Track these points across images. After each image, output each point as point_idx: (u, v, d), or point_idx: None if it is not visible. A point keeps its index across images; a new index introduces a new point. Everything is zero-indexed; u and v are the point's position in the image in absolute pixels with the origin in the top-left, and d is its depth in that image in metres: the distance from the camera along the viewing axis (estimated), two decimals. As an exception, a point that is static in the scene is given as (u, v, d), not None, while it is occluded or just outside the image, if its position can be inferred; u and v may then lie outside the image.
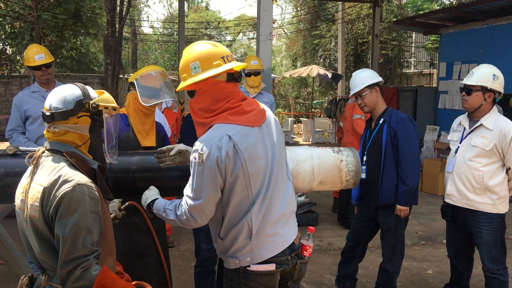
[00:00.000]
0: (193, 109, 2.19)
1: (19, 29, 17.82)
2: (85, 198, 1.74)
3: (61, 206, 1.71)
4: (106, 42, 18.10)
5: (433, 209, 7.00)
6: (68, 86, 1.95)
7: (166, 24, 34.23)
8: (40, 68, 4.11)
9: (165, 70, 3.39)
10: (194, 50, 2.16)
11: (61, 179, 1.76)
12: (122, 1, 16.04)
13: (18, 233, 1.96)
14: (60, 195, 1.72)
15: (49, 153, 1.87)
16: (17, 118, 4.12)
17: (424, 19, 10.58)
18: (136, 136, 3.14)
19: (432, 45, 19.49)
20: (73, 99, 1.87)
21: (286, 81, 25.13)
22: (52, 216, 1.73)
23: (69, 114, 1.86)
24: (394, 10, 19.40)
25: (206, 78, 2.09)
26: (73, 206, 1.71)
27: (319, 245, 5.59)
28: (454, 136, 3.81)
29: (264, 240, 2.14)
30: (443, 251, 5.09)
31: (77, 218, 1.71)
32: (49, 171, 1.80)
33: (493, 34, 9.03)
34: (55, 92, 1.92)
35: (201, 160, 2.02)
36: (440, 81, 10.57)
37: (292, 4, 27.24)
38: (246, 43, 37.09)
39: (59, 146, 1.88)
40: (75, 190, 1.73)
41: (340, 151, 2.81)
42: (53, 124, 1.87)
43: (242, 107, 2.13)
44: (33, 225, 1.79)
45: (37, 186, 1.79)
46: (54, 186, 1.75)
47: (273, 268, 2.15)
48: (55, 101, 1.88)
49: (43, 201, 1.75)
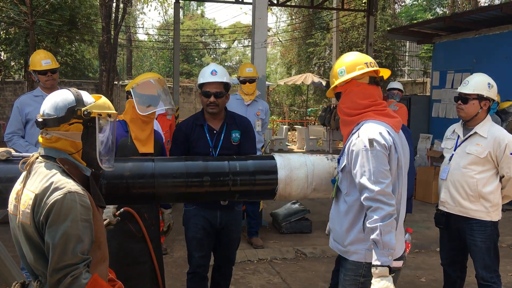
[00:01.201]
0: (341, 109, 2.49)
1: (14, 35, 17.79)
2: (76, 206, 1.73)
3: (52, 213, 1.70)
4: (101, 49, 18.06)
5: (426, 217, 7.01)
6: (62, 91, 1.93)
7: (161, 31, 34.27)
8: (46, 73, 4.20)
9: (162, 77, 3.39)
10: (342, 58, 2.52)
11: (52, 186, 1.75)
12: (118, 8, 16.07)
13: (10, 240, 1.94)
14: (51, 202, 1.71)
15: (42, 159, 1.86)
16: (17, 121, 4.17)
17: (417, 28, 10.65)
18: (134, 143, 3.13)
19: (425, 54, 19.63)
20: (64, 106, 1.85)
21: (281, 89, 25.18)
22: (43, 223, 1.72)
23: (60, 121, 1.84)
24: (388, 19, 19.55)
25: (349, 79, 2.39)
26: (64, 214, 1.70)
27: (312, 253, 5.58)
28: (448, 144, 3.83)
29: (399, 237, 2.28)
30: (436, 259, 5.09)
31: (67, 226, 1.70)
32: (41, 177, 1.79)
33: (485, 44, 9.11)
34: (48, 98, 1.91)
35: (372, 145, 2.24)
36: (434, 90, 10.63)
37: (287, 13, 27.37)
38: (241, 50, 37.19)
39: (52, 152, 1.87)
40: (66, 198, 1.72)
41: (334, 158, 2.82)
42: (45, 130, 1.86)
43: (388, 111, 2.44)
44: (25, 231, 1.78)
45: (29, 192, 1.78)
46: (45, 193, 1.74)
47: (401, 265, 2.30)
48: (48, 107, 1.87)
49: (34, 208, 1.74)
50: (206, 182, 2.61)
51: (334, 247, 2.56)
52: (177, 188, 2.60)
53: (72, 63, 20.53)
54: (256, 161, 2.80)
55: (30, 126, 4.18)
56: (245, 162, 2.74)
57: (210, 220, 3.36)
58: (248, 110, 5.31)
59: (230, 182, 2.64)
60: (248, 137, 3.45)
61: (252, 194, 2.81)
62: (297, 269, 5.14)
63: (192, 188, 2.64)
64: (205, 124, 3.37)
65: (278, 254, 5.49)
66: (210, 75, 3.32)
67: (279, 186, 2.67)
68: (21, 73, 20.04)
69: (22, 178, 1.87)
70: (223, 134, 3.36)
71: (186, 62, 34.12)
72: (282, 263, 5.32)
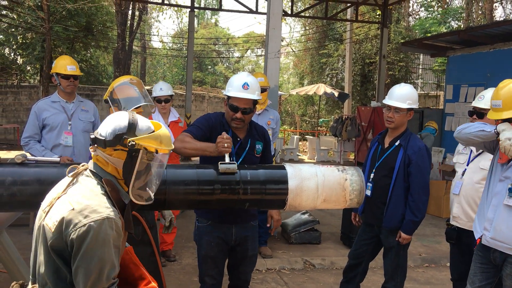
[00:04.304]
0: None
1: (31, 40, 18.09)
2: (112, 233, 1.71)
3: (88, 238, 1.67)
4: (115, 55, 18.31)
5: (437, 232, 6.95)
6: (121, 114, 1.89)
7: (176, 39, 34.58)
8: (69, 78, 4.31)
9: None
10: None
11: (91, 206, 1.72)
12: (133, 16, 16.26)
13: (22, 242, 1.97)
14: (87, 224, 1.68)
15: (89, 174, 1.85)
16: (35, 125, 4.24)
17: (431, 41, 10.64)
18: None
19: (439, 67, 19.54)
20: (113, 131, 1.82)
21: (293, 99, 25.21)
22: (72, 241, 1.68)
23: (107, 144, 1.82)
24: (402, 32, 19.52)
25: None
26: (101, 241, 1.68)
27: (321, 264, 5.55)
28: (460, 159, 3.80)
29: None
30: (446, 274, 5.04)
31: (104, 253, 1.69)
32: (83, 192, 1.77)
33: (500, 58, 9.06)
34: (108, 118, 1.90)
35: None
36: (447, 103, 10.58)
37: (301, 23, 27.46)
38: (254, 60, 37.34)
39: (99, 170, 1.86)
40: (104, 224, 1.69)
41: (344, 170, 2.81)
42: (95, 147, 1.85)
43: None
44: (44, 234, 1.76)
45: (67, 202, 1.74)
46: (83, 211, 1.70)
47: None
48: (102, 127, 1.86)
49: (66, 220, 1.70)
50: (217, 190, 2.62)
51: (497, 246, 2.89)
52: (188, 195, 2.61)
53: (87, 68, 20.77)
54: (267, 171, 2.80)
55: (47, 131, 4.26)
56: (256, 171, 2.74)
57: (224, 237, 3.15)
58: (259, 119, 5.33)
59: (240, 190, 2.64)
60: (267, 146, 3.31)
61: (262, 203, 2.80)
62: (305, 280, 5.12)
63: (202, 195, 2.64)
64: (230, 130, 3.13)
65: (287, 264, 5.47)
66: (242, 89, 3.01)
67: (289, 196, 2.67)
68: (37, 78, 20.34)
69: (65, 184, 1.84)
70: (248, 146, 3.16)
71: (199, 70, 34.36)
72: (290, 273, 5.30)
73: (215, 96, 23.84)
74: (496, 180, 2.95)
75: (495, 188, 2.94)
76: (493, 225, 2.90)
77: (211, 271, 3.18)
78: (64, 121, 4.31)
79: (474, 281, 3.04)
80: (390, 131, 3.76)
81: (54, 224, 1.71)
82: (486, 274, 2.99)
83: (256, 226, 3.34)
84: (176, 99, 18.90)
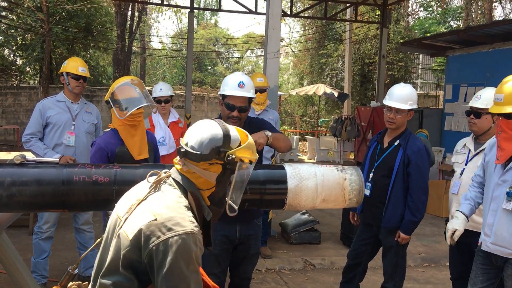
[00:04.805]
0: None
1: (30, 41, 18.10)
2: (195, 250, 1.62)
3: (171, 252, 1.56)
4: (115, 56, 18.31)
5: (436, 231, 6.95)
6: (211, 125, 1.79)
7: (175, 40, 34.59)
8: (79, 79, 4.35)
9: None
10: None
11: (176, 219, 1.61)
12: (133, 17, 16.27)
13: (22, 243, 1.97)
14: (171, 238, 1.57)
15: (173, 183, 1.76)
16: (38, 123, 4.26)
17: (431, 41, 10.64)
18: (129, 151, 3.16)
19: (438, 67, 19.55)
20: (210, 145, 1.73)
21: (293, 99, 25.21)
22: (152, 255, 1.58)
23: (202, 158, 1.72)
24: (402, 32, 19.52)
25: None
26: (186, 256, 1.59)
27: (321, 264, 5.56)
28: (458, 158, 3.81)
29: None
30: (446, 273, 5.04)
31: (189, 270, 1.59)
32: (167, 202, 1.68)
33: (499, 58, 9.06)
34: (197, 128, 1.79)
35: None
36: (446, 103, 10.59)
37: (300, 23, 27.48)
38: (253, 60, 37.37)
39: (186, 182, 1.76)
40: (188, 239, 1.59)
41: (344, 170, 2.82)
42: (184, 160, 1.75)
43: None
44: (119, 242, 1.66)
45: (148, 211, 1.64)
46: (165, 224, 1.60)
47: None
48: (193, 140, 1.75)
49: (147, 231, 1.60)
50: (216, 190, 2.62)
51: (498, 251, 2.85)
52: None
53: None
54: (266, 170, 2.80)
55: (49, 130, 4.28)
56: (255, 171, 2.75)
57: (229, 235, 3.15)
58: (259, 119, 5.34)
59: (240, 190, 2.64)
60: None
61: (262, 203, 2.81)
62: (305, 280, 5.12)
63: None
64: None
65: (287, 264, 5.47)
66: (237, 87, 3.06)
67: (289, 195, 2.67)
68: (36, 79, 20.35)
69: (147, 191, 1.75)
70: None
71: (199, 70, 34.38)
72: (290, 273, 5.30)
73: (215, 96, 23.84)
74: (494, 184, 2.90)
75: (494, 193, 2.88)
76: (493, 231, 2.86)
77: (214, 269, 3.17)
78: (68, 121, 4.33)
79: (475, 282, 3.02)
80: (390, 131, 3.76)
81: (133, 232, 1.61)
82: (488, 275, 2.98)
83: (260, 225, 3.34)
84: (176, 99, 18.90)
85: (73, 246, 4.97)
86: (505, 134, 2.76)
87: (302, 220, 6.30)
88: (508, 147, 2.76)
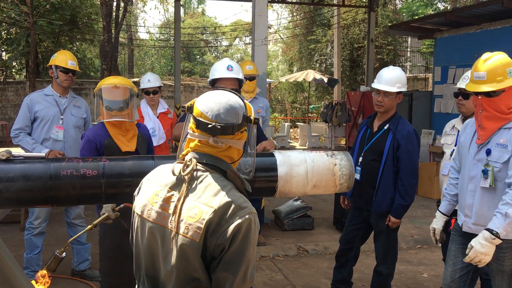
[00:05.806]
0: (497, 106, 2.69)
1: (15, 35, 17.84)
2: (256, 230, 1.56)
3: (238, 237, 1.51)
4: (102, 48, 18.10)
5: (428, 213, 7.01)
6: (231, 96, 1.69)
7: (163, 30, 34.29)
8: (68, 73, 4.29)
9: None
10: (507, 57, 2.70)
11: (233, 204, 1.54)
12: (118, 7, 16.08)
13: (14, 239, 1.94)
14: (236, 223, 1.51)
15: (206, 168, 1.63)
16: (26, 117, 4.22)
17: (419, 23, 10.63)
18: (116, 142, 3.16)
19: (427, 49, 19.58)
20: (241, 112, 1.66)
21: (283, 86, 25.19)
22: (220, 245, 1.51)
23: (237, 128, 1.64)
24: (389, 15, 19.51)
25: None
26: (252, 238, 1.54)
27: (315, 249, 5.59)
28: (448, 140, 3.82)
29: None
30: (438, 254, 5.10)
31: (251, 252, 1.55)
32: (214, 191, 1.57)
33: (487, 38, 9.08)
34: (219, 101, 1.66)
35: None
36: (435, 85, 10.62)
37: (288, 9, 27.34)
38: (242, 48, 37.20)
39: (219, 162, 1.65)
40: (251, 221, 1.54)
41: (333, 155, 2.82)
42: (217, 139, 1.62)
43: None
44: (183, 247, 1.54)
45: (202, 205, 1.54)
46: (226, 211, 1.53)
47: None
48: (225, 113, 1.62)
49: (211, 225, 1.52)
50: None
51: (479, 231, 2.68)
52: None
53: (74, 62, 20.55)
54: (256, 158, 2.79)
55: (37, 124, 4.24)
56: (244, 159, 2.74)
57: None
58: (249, 107, 5.32)
59: (230, 179, 2.64)
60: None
61: (252, 191, 2.81)
62: (299, 266, 5.15)
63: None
64: None
65: (280, 251, 5.50)
66: (226, 70, 3.19)
67: (279, 183, 2.68)
68: (23, 73, 20.11)
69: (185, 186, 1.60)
70: None
71: (188, 60, 34.16)
72: (284, 260, 5.33)
73: (205, 86, 23.72)
74: (469, 163, 2.83)
75: (471, 172, 2.82)
76: (474, 211, 2.81)
77: None
78: (56, 115, 4.28)
79: (455, 263, 2.95)
80: (379, 114, 3.76)
81: (198, 232, 1.52)
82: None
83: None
84: (165, 90, 18.78)
85: (65, 241, 4.95)
86: (487, 112, 2.72)
87: (295, 207, 6.32)
88: (490, 126, 2.73)
